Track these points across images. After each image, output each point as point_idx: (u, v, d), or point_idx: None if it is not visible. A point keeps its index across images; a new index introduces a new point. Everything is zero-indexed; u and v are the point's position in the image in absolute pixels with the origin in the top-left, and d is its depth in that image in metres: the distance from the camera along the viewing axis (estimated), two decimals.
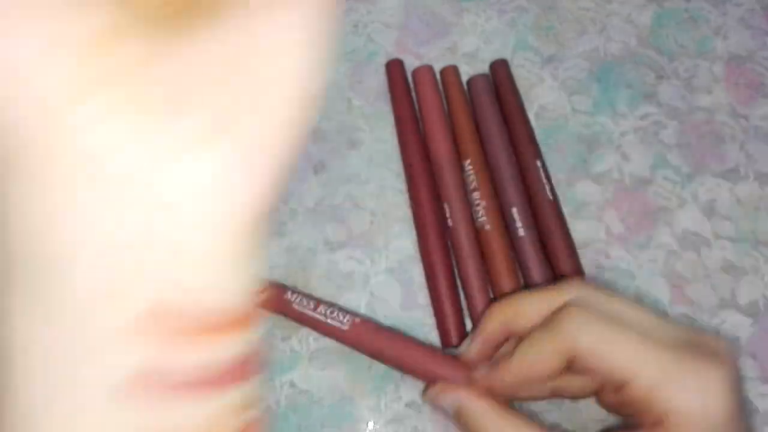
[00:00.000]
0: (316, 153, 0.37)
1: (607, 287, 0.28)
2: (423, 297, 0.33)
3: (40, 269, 0.13)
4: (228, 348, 0.15)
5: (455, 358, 0.30)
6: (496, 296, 0.32)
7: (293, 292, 0.32)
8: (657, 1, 0.41)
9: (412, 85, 0.38)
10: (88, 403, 0.14)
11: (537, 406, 0.31)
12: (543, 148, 0.36)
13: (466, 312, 0.32)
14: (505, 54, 0.39)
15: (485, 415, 0.27)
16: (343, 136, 0.37)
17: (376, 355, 0.30)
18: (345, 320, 0.30)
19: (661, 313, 0.32)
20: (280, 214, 0.35)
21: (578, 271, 0.32)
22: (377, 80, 0.39)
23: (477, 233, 0.33)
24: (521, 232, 0.33)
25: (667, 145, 0.36)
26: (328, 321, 0.30)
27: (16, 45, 0.12)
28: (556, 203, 0.34)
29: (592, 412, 0.31)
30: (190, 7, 0.13)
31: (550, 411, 0.31)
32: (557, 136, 0.37)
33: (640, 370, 0.23)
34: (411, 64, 0.39)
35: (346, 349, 0.31)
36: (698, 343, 0.24)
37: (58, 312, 0.14)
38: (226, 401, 0.16)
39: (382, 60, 0.39)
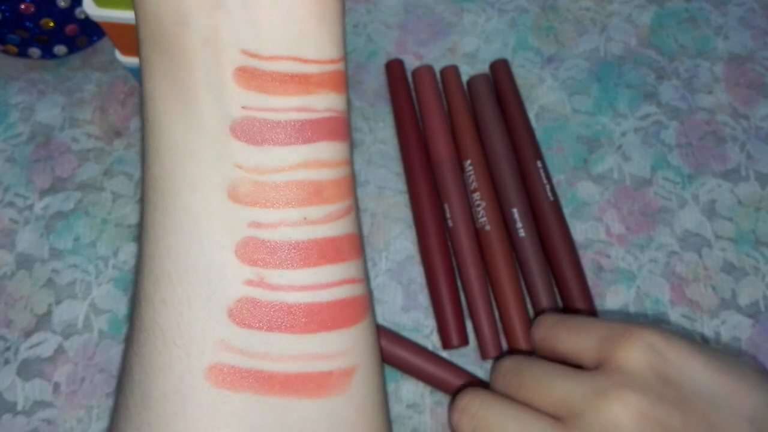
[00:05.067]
0: None
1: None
2: (423, 298, 0.33)
3: None
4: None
5: (452, 363, 0.31)
6: (496, 297, 0.32)
7: None
8: (657, 1, 0.41)
9: (412, 86, 0.38)
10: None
11: None
12: (543, 149, 0.36)
13: (466, 313, 0.32)
14: (506, 54, 0.39)
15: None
16: None
17: None
18: None
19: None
20: None
21: (578, 270, 0.32)
22: (377, 80, 0.39)
23: (477, 234, 0.33)
24: (521, 232, 0.33)
25: (668, 145, 0.36)
26: None
27: None
28: (556, 204, 0.33)
29: None
30: None
31: None
32: (558, 137, 0.37)
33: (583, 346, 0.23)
34: (411, 64, 0.39)
35: None
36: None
37: None
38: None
39: (382, 60, 0.39)
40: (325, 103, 0.19)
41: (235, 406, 0.17)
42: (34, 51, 0.37)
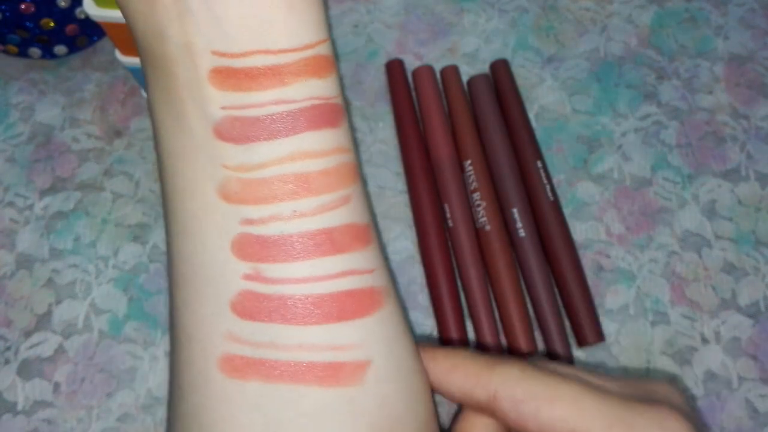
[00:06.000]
0: None
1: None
2: (423, 298, 0.33)
3: None
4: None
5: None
6: (496, 297, 0.32)
7: None
8: (658, 2, 0.41)
9: (412, 86, 0.38)
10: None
11: None
12: (543, 149, 0.36)
13: (466, 313, 0.32)
14: (506, 54, 0.39)
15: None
16: None
17: None
18: None
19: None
20: None
21: (578, 270, 0.32)
22: (377, 80, 0.39)
23: (477, 234, 0.33)
24: (521, 232, 0.33)
25: (668, 145, 0.36)
26: None
27: None
28: (556, 204, 0.33)
29: None
30: None
31: None
32: (558, 137, 0.37)
33: (584, 425, 0.19)
34: (411, 64, 0.39)
35: None
36: (649, 393, 0.20)
37: None
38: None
39: (383, 60, 0.39)
40: (305, 91, 0.18)
41: (247, 394, 0.18)
42: (35, 51, 0.37)
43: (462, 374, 0.20)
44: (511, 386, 0.19)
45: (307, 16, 0.19)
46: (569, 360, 0.31)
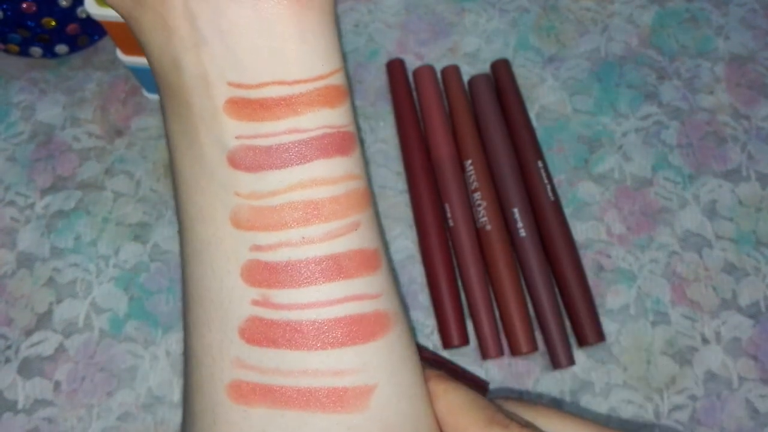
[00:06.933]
0: None
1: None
2: (424, 297, 0.33)
3: None
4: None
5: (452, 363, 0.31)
6: (497, 296, 0.32)
7: None
8: (658, 2, 0.41)
9: (413, 85, 0.38)
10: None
11: None
12: (544, 149, 0.36)
13: (467, 313, 0.32)
14: (507, 54, 0.39)
15: None
16: None
17: None
18: None
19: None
20: None
21: (578, 270, 0.32)
22: (378, 80, 0.39)
23: (478, 233, 0.33)
24: (522, 232, 0.33)
25: (669, 145, 0.36)
26: None
27: None
28: (557, 203, 0.33)
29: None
30: None
31: None
32: (558, 137, 0.37)
33: None
34: (412, 63, 0.39)
35: None
36: None
37: None
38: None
39: (383, 60, 0.39)
40: (317, 120, 0.19)
41: (253, 420, 0.18)
42: (36, 50, 0.37)
43: (454, 422, 0.20)
44: None
45: (320, 46, 0.19)
46: (569, 360, 0.31)
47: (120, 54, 0.34)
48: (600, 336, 0.31)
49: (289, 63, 0.18)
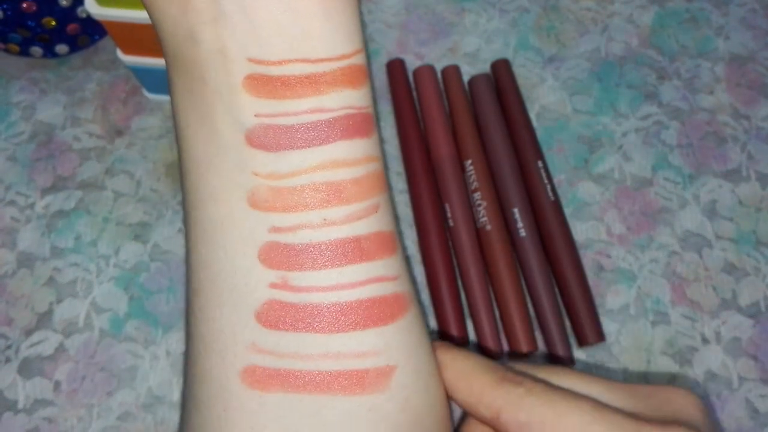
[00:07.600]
0: None
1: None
2: (424, 297, 0.33)
3: None
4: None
5: None
6: (497, 296, 0.32)
7: None
8: (658, 2, 0.41)
9: (413, 85, 0.38)
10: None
11: None
12: (544, 149, 0.36)
13: (467, 313, 0.32)
14: (507, 54, 0.39)
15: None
16: None
17: None
18: None
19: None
20: None
21: (578, 270, 0.32)
22: (378, 80, 0.39)
23: (478, 233, 0.33)
24: (522, 232, 0.33)
25: (669, 145, 0.36)
26: None
27: None
28: (557, 203, 0.33)
29: None
30: None
31: None
32: (558, 137, 0.37)
33: None
34: (412, 63, 0.39)
35: None
36: (664, 405, 0.19)
37: None
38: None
39: (384, 60, 0.39)
40: (340, 101, 0.18)
41: (270, 406, 0.18)
42: (36, 50, 0.37)
43: (467, 387, 0.20)
44: (515, 409, 0.19)
45: (344, 25, 0.18)
46: (570, 361, 0.31)
47: (120, 54, 0.34)
48: (600, 336, 0.31)
49: (314, 40, 0.18)
